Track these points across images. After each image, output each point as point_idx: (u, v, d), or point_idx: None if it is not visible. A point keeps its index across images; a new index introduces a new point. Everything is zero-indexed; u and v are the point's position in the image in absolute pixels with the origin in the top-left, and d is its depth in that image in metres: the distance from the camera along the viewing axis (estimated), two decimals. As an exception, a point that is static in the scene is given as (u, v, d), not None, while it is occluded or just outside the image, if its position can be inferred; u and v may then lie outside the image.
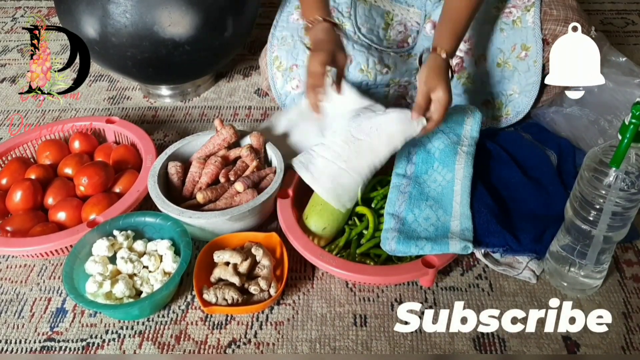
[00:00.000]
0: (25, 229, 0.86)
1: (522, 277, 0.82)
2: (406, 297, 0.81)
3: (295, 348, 0.75)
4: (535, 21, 0.99)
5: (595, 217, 0.69)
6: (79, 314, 0.80)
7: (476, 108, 0.97)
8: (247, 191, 0.87)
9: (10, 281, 0.85)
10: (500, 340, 0.75)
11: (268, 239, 0.85)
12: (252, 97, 1.25)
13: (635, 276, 0.83)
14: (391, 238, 0.80)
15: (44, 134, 1.03)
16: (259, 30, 1.44)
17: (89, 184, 0.90)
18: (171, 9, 1.01)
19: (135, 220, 0.85)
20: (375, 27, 1.09)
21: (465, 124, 0.95)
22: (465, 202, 0.83)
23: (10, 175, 0.94)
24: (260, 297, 0.78)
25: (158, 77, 1.17)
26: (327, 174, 0.86)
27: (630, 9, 1.58)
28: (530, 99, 1.03)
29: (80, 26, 1.04)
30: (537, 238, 0.82)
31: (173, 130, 1.16)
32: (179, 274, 0.77)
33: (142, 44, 1.03)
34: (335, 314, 0.79)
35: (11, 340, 0.77)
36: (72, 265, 0.78)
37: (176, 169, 0.92)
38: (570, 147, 1.00)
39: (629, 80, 1.06)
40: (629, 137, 0.62)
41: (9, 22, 1.59)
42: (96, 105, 1.24)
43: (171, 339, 0.77)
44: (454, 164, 0.89)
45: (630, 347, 0.74)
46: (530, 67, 1.00)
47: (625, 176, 0.65)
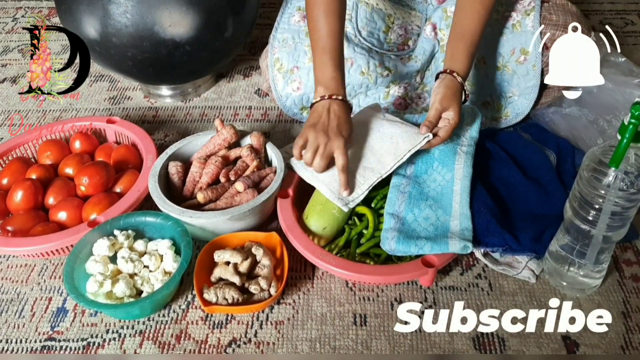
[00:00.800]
0: (26, 229, 0.86)
1: (522, 276, 0.82)
2: (406, 297, 0.81)
3: (295, 347, 0.75)
4: (534, 25, 0.99)
5: (594, 217, 0.70)
6: (79, 313, 0.80)
7: (476, 108, 0.97)
8: (248, 191, 0.87)
9: (11, 281, 0.85)
10: (500, 339, 0.75)
11: (268, 239, 0.85)
12: (252, 97, 1.26)
13: (635, 276, 0.83)
14: (391, 238, 0.80)
15: (44, 134, 1.03)
16: (260, 31, 1.45)
17: (90, 183, 0.90)
18: (172, 9, 1.01)
19: (135, 220, 0.85)
20: (376, 30, 1.09)
21: (465, 124, 0.95)
22: (464, 202, 0.84)
23: (11, 175, 0.95)
24: (261, 296, 0.78)
25: (158, 77, 1.18)
26: (328, 172, 0.86)
27: (629, 9, 1.58)
28: (529, 101, 1.04)
29: (81, 26, 1.05)
30: (537, 238, 0.82)
31: (174, 130, 1.17)
32: (179, 274, 0.77)
33: (143, 44, 1.04)
34: (335, 313, 0.79)
35: (12, 339, 0.77)
36: (73, 265, 0.78)
37: (177, 169, 0.93)
38: (570, 147, 1.00)
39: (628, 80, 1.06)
40: (628, 137, 0.62)
41: (10, 22, 1.60)
42: (97, 105, 1.25)
43: (172, 338, 0.77)
44: (454, 163, 0.89)
45: (630, 346, 0.74)
46: (529, 71, 1.01)
47: (624, 176, 0.65)
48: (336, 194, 0.83)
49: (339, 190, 0.84)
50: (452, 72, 0.88)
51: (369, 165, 0.87)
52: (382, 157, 0.87)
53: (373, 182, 0.85)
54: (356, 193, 0.84)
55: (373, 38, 1.08)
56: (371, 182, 0.85)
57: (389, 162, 0.86)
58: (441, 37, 1.06)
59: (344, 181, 0.82)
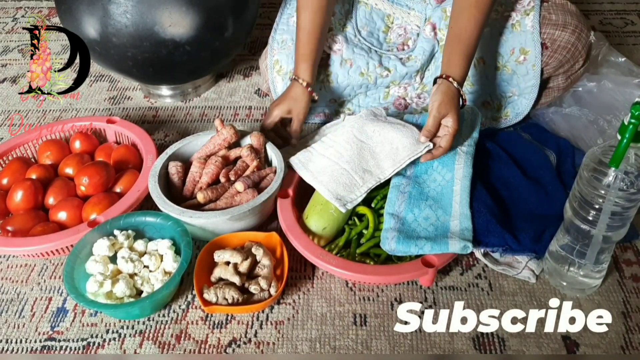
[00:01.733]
0: (26, 229, 0.86)
1: (522, 276, 0.82)
2: (406, 297, 0.81)
3: (295, 347, 0.75)
4: (534, 25, 0.98)
5: (594, 217, 0.70)
6: (79, 313, 0.80)
7: (476, 109, 0.97)
8: (248, 191, 0.87)
9: (11, 281, 0.85)
10: (500, 339, 0.75)
11: (268, 239, 0.85)
12: (252, 97, 1.26)
13: (635, 276, 0.83)
14: (391, 238, 0.80)
15: (44, 134, 1.03)
16: (260, 31, 1.45)
17: (90, 183, 0.90)
18: (172, 9, 1.01)
19: (135, 220, 0.85)
20: (375, 30, 1.09)
21: (464, 125, 0.95)
22: (464, 202, 0.84)
23: (11, 175, 0.95)
24: (261, 296, 0.78)
25: (158, 77, 1.18)
26: (328, 173, 0.86)
27: (629, 9, 1.58)
28: (529, 101, 1.03)
29: (81, 26, 1.05)
30: (537, 238, 0.82)
31: (174, 130, 1.17)
32: (179, 274, 0.77)
33: (143, 44, 1.04)
34: (335, 313, 0.79)
35: (12, 339, 0.77)
36: (73, 265, 0.78)
37: (177, 169, 0.93)
38: (570, 147, 1.00)
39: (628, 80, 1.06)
40: (628, 137, 0.62)
41: (10, 23, 1.60)
42: (97, 105, 1.25)
43: (172, 338, 0.77)
44: (454, 163, 0.89)
45: (630, 346, 0.74)
46: (529, 71, 1.00)
47: (624, 176, 0.65)
48: (335, 195, 0.84)
49: (337, 191, 0.84)
50: (448, 78, 0.88)
51: (368, 168, 0.87)
52: (381, 162, 0.88)
53: (371, 186, 0.85)
54: (354, 194, 0.84)
55: (372, 38, 1.08)
56: (369, 186, 0.85)
57: (387, 167, 0.87)
58: (441, 37, 1.06)
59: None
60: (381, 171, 0.87)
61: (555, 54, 0.98)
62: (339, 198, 0.83)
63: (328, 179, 0.85)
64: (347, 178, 0.86)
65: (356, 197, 0.84)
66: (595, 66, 1.13)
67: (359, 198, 0.85)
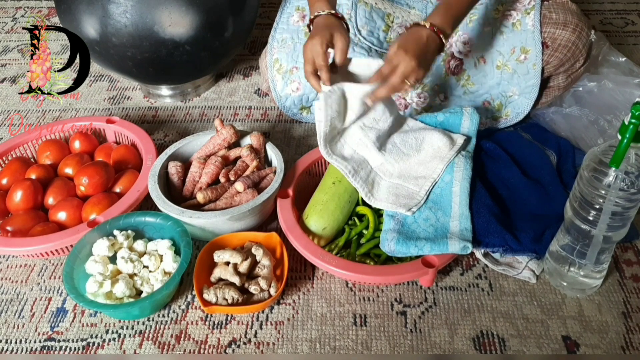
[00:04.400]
0: (26, 229, 0.86)
1: (522, 276, 0.82)
2: (406, 297, 0.81)
3: (295, 348, 0.75)
4: (535, 24, 0.98)
5: (594, 217, 0.69)
6: (79, 313, 0.80)
7: (474, 109, 0.97)
8: (247, 191, 0.87)
9: (10, 281, 0.85)
10: (500, 340, 0.75)
11: (268, 239, 0.85)
12: (252, 97, 1.25)
13: (635, 276, 0.83)
14: (390, 239, 0.80)
15: (44, 134, 1.03)
16: (260, 31, 1.45)
17: (90, 183, 0.90)
18: (171, 9, 1.01)
19: (135, 220, 0.85)
20: (375, 29, 1.09)
21: (463, 126, 0.95)
22: (464, 203, 0.83)
23: (11, 175, 0.94)
24: (261, 296, 0.78)
25: (158, 77, 1.18)
26: (387, 192, 0.87)
27: (629, 9, 1.58)
28: (530, 100, 1.03)
29: (81, 26, 1.05)
30: (537, 238, 0.82)
31: (173, 130, 1.16)
32: (179, 274, 0.77)
33: (143, 44, 1.04)
34: (335, 313, 0.79)
35: (11, 340, 0.77)
36: (73, 265, 0.78)
37: (176, 169, 0.93)
38: (570, 147, 1.00)
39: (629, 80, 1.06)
40: (629, 137, 0.62)
41: (9, 22, 1.60)
42: (96, 105, 1.24)
43: (171, 338, 0.77)
44: (453, 165, 0.89)
45: (630, 346, 0.74)
46: (530, 70, 1.00)
47: (624, 176, 0.65)
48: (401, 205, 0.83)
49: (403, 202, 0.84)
50: (423, 25, 0.82)
51: (418, 175, 0.88)
52: (428, 164, 0.89)
53: (428, 188, 0.86)
54: (416, 200, 0.84)
55: (373, 37, 1.08)
56: (427, 188, 0.86)
57: (435, 166, 0.88)
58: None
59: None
60: (432, 171, 0.87)
61: (555, 52, 0.98)
62: (403, 206, 0.83)
63: (390, 196, 0.86)
64: (404, 190, 0.86)
65: (418, 201, 0.84)
66: (595, 66, 1.13)
67: (422, 201, 0.84)
